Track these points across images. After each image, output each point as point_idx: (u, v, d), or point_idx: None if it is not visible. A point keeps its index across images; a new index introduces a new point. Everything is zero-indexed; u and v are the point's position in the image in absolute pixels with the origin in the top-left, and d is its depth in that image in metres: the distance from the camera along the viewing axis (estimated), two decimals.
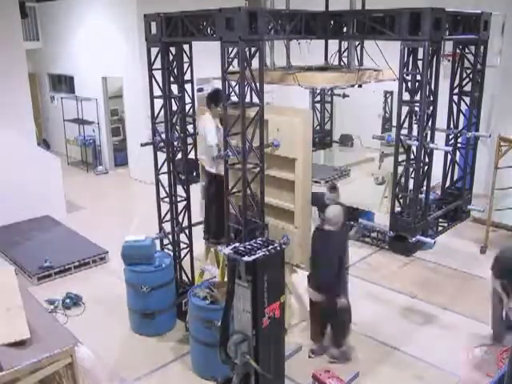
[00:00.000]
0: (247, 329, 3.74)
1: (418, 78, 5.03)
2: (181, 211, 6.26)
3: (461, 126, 6.43)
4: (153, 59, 5.79)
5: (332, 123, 8.17)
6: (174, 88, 5.94)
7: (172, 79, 5.88)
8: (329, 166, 11.37)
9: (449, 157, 6.49)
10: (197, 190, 6.58)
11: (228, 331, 3.85)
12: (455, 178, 6.76)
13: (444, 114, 6.20)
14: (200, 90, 11.87)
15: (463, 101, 6.29)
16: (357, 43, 6.04)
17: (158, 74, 5.84)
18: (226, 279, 5.43)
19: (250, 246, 3.74)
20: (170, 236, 6.34)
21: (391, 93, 9.76)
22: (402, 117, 5.29)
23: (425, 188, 5.51)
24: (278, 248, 3.80)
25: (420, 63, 4.94)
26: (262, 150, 5.17)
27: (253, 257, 3.58)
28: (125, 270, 6.09)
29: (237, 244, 3.89)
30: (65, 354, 4.28)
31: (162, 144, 6.09)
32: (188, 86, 6.07)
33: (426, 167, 5.44)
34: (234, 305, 3.79)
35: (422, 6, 4.69)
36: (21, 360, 4.05)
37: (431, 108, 5.17)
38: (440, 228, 6.36)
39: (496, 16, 6.50)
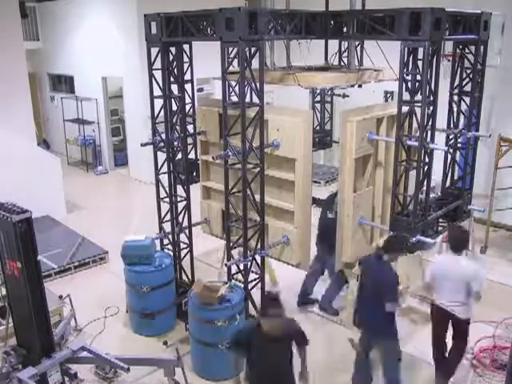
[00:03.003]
0: None
1: (418, 78, 5.02)
2: (181, 211, 6.26)
3: (461, 126, 6.43)
4: (153, 59, 5.79)
5: (332, 123, 8.16)
6: (174, 88, 5.94)
7: (172, 79, 5.88)
8: (329, 166, 11.37)
9: (449, 157, 6.49)
10: (197, 190, 6.59)
11: None
12: (455, 178, 6.76)
13: (444, 114, 6.20)
14: (200, 89, 11.89)
15: (463, 101, 6.28)
16: (357, 43, 6.04)
17: (158, 74, 5.85)
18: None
19: None
20: (170, 236, 6.35)
21: (391, 93, 9.78)
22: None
23: (425, 188, 5.51)
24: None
25: (420, 63, 4.94)
26: (262, 150, 5.17)
27: None
28: (125, 270, 6.09)
29: None
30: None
31: (162, 144, 6.09)
32: (188, 86, 6.07)
33: (426, 167, 5.44)
34: None
35: (422, 6, 4.69)
36: None
37: (431, 108, 5.17)
38: (440, 228, 6.35)
39: (496, 16, 6.50)
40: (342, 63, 6.66)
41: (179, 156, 6.19)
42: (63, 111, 13.85)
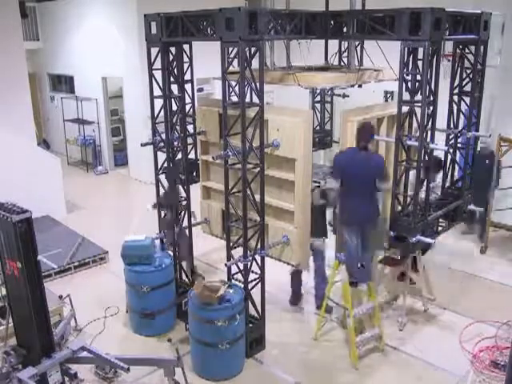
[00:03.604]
0: None
1: (418, 78, 5.03)
2: (181, 211, 6.25)
3: (461, 126, 6.43)
4: (153, 59, 5.78)
5: (332, 123, 8.16)
6: (174, 88, 5.94)
7: (172, 79, 5.88)
8: (329, 166, 11.32)
9: (449, 157, 6.49)
10: (197, 190, 6.58)
11: None
12: (455, 178, 6.76)
13: (444, 114, 6.19)
14: (200, 89, 11.89)
15: (463, 101, 6.28)
16: (357, 43, 6.04)
17: (158, 74, 5.84)
18: None
19: None
20: None
21: (391, 93, 9.76)
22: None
23: (425, 188, 5.52)
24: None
25: (420, 63, 4.94)
26: (262, 150, 5.17)
27: None
28: (125, 270, 6.09)
29: None
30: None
31: (162, 144, 6.09)
32: (188, 86, 6.07)
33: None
34: None
35: (422, 6, 4.69)
36: None
37: (431, 108, 5.17)
38: (440, 228, 6.36)
39: (496, 16, 6.50)
40: (342, 63, 6.66)
41: (179, 156, 6.19)
42: (63, 111, 13.85)
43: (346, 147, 5.47)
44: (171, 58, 5.79)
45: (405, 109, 5.25)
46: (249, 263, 5.46)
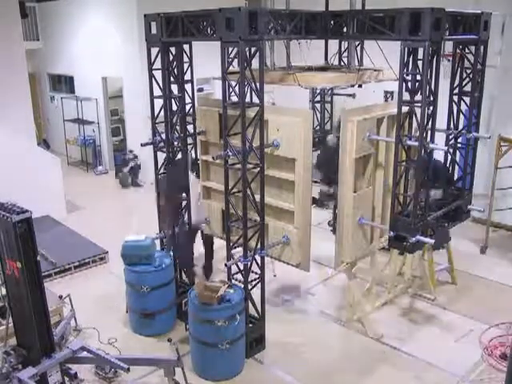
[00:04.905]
0: None
1: (418, 78, 5.03)
2: (181, 211, 6.25)
3: (461, 126, 6.43)
4: (153, 59, 5.78)
5: (332, 123, 8.17)
6: (174, 88, 5.94)
7: (172, 79, 5.88)
8: None
9: (449, 157, 6.49)
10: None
11: None
12: (455, 177, 6.76)
13: (444, 114, 6.19)
14: (200, 89, 11.88)
15: (463, 101, 6.28)
16: (357, 43, 6.04)
17: (158, 74, 5.84)
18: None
19: None
20: None
21: (391, 93, 9.77)
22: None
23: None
24: None
25: (420, 63, 4.94)
26: (262, 150, 5.17)
27: None
28: (125, 270, 6.09)
29: None
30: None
31: (162, 144, 6.09)
32: (188, 86, 6.07)
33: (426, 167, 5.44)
34: None
35: (422, 6, 4.69)
36: None
37: (431, 108, 5.17)
38: (440, 228, 6.35)
39: (496, 16, 6.49)
40: (342, 63, 6.66)
41: (179, 156, 6.19)
42: (63, 111, 13.84)
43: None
44: (171, 58, 5.79)
45: (405, 109, 5.25)
46: (249, 263, 5.46)
